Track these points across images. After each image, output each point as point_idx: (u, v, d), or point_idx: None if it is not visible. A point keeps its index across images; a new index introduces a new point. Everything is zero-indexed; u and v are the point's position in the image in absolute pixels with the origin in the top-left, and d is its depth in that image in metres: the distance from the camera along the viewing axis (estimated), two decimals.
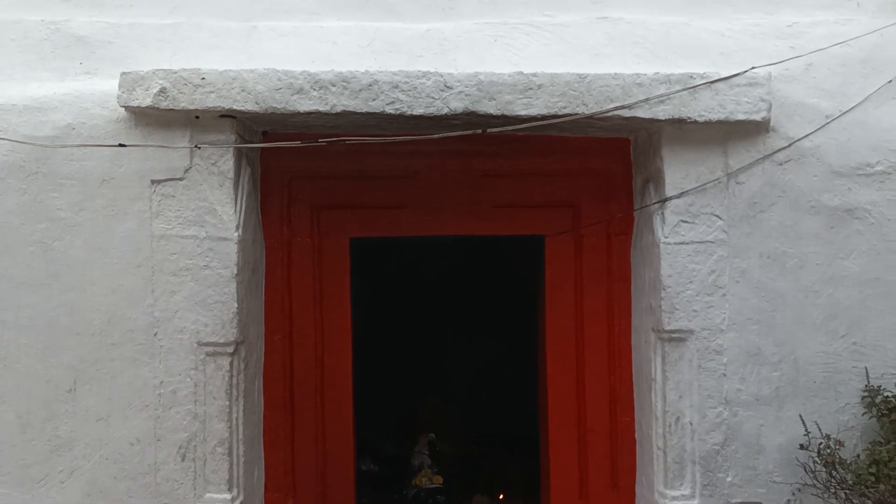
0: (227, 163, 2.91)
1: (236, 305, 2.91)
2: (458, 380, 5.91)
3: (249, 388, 3.08)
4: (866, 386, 2.98)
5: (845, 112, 2.96)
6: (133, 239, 2.89)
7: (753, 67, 2.92)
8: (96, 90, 2.91)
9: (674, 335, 3.01)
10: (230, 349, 2.93)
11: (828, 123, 2.95)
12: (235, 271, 2.90)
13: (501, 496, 4.89)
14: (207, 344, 2.91)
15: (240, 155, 2.99)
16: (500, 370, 5.69)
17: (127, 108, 2.85)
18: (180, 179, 2.90)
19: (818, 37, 3.05)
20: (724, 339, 3.01)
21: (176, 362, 2.91)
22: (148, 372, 2.90)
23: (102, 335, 2.89)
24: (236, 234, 2.92)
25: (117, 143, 2.84)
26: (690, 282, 3.00)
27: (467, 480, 5.09)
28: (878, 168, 2.99)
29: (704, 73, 2.91)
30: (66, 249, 2.88)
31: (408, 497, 4.93)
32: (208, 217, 2.91)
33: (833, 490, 2.84)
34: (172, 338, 2.90)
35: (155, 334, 2.90)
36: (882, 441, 2.87)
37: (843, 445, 2.87)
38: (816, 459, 2.89)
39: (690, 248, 3.00)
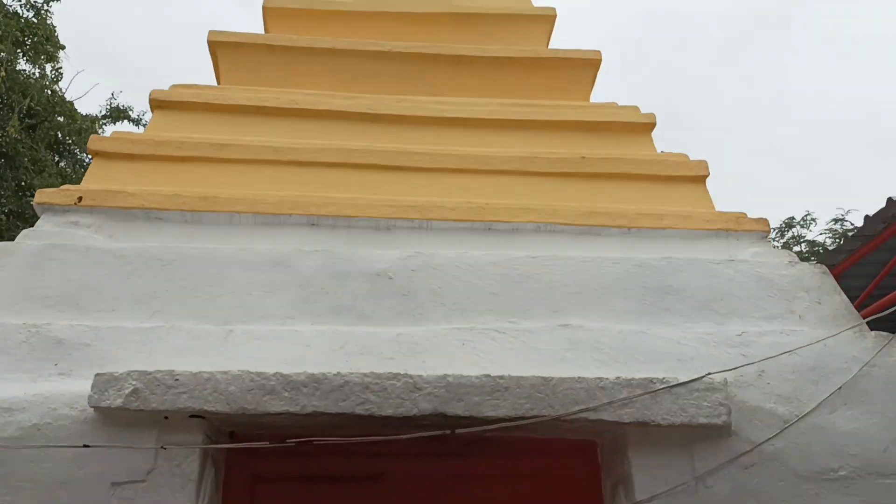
0: (192, 464, 2.85)
1: None
2: None
3: None
4: None
5: (802, 417, 3.05)
6: None
7: (709, 374, 3.05)
8: (67, 391, 2.92)
9: None
10: None
11: (786, 428, 3.02)
12: None
13: None
14: None
15: (205, 456, 2.94)
16: None
17: (96, 408, 2.84)
18: (142, 482, 2.82)
19: (767, 345, 3.23)
20: None
21: None
22: None
23: None
24: None
25: (81, 444, 2.79)
26: None
27: None
28: (841, 473, 3.00)
29: (664, 378, 3.02)
30: None
31: None
32: None
33: None
34: None
35: None
36: None
37: None
38: None
39: None
